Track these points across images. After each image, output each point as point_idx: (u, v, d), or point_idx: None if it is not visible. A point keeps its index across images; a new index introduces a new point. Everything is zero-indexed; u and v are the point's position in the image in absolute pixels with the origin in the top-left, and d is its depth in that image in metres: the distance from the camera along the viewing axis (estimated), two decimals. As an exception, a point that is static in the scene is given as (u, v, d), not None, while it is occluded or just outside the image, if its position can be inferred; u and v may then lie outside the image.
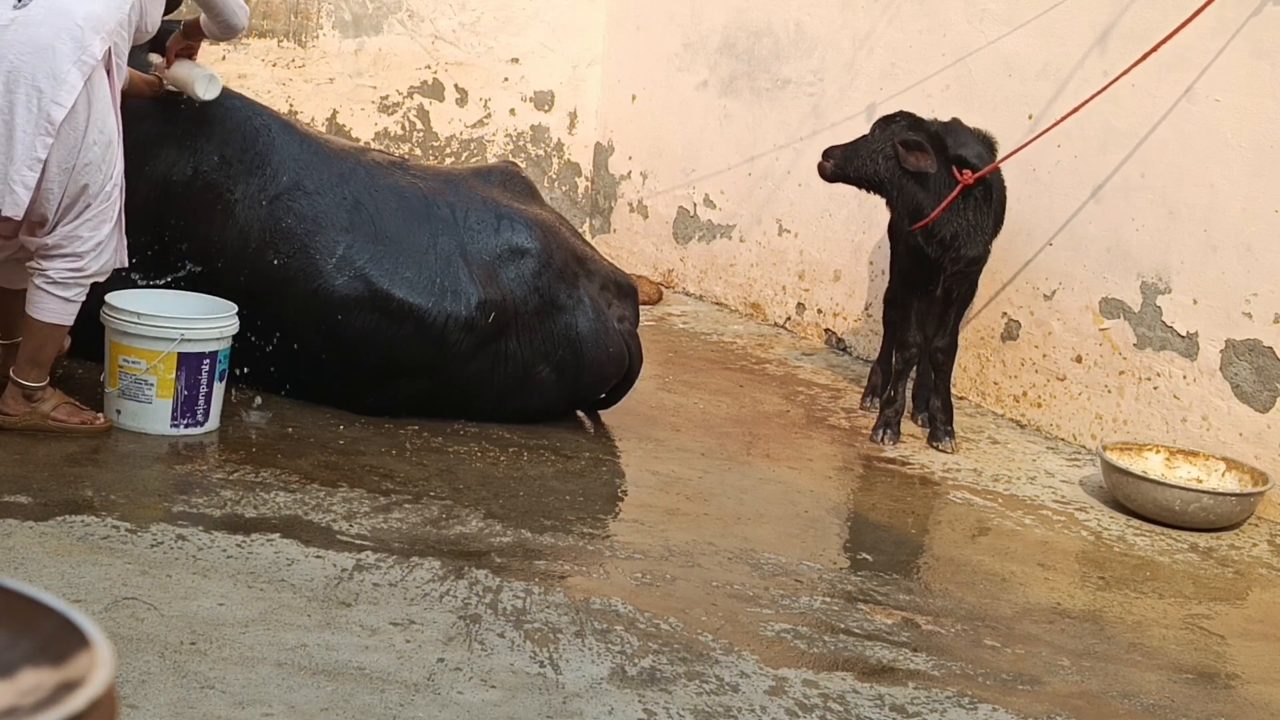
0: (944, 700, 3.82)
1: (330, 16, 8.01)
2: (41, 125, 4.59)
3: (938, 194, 5.70)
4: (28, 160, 4.59)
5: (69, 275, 4.77)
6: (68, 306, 4.81)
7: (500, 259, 5.53)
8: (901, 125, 5.81)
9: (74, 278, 4.78)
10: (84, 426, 4.94)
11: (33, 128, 4.59)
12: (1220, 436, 5.70)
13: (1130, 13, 5.98)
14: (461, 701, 3.48)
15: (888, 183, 5.81)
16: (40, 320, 4.80)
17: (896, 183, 5.78)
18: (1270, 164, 5.54)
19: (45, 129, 4.59)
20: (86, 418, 4.97)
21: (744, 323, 7.74)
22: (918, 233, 5.76)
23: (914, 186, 5.74)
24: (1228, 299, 5.68)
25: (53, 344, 4.89)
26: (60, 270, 4.76)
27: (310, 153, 5.57)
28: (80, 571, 3.89)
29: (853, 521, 5.24)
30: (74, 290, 4.80)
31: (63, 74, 4.60)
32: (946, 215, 5.70)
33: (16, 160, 4.58)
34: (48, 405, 4.89)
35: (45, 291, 4.77)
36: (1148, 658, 4.29)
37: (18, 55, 4.60)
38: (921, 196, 5.73)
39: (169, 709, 3.28)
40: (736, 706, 3.63)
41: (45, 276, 4.77)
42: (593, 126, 8.75)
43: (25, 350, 4.86)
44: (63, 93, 4.60)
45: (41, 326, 4.82)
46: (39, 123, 4.59)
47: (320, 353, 5.39)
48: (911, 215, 5.78)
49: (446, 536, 4.48)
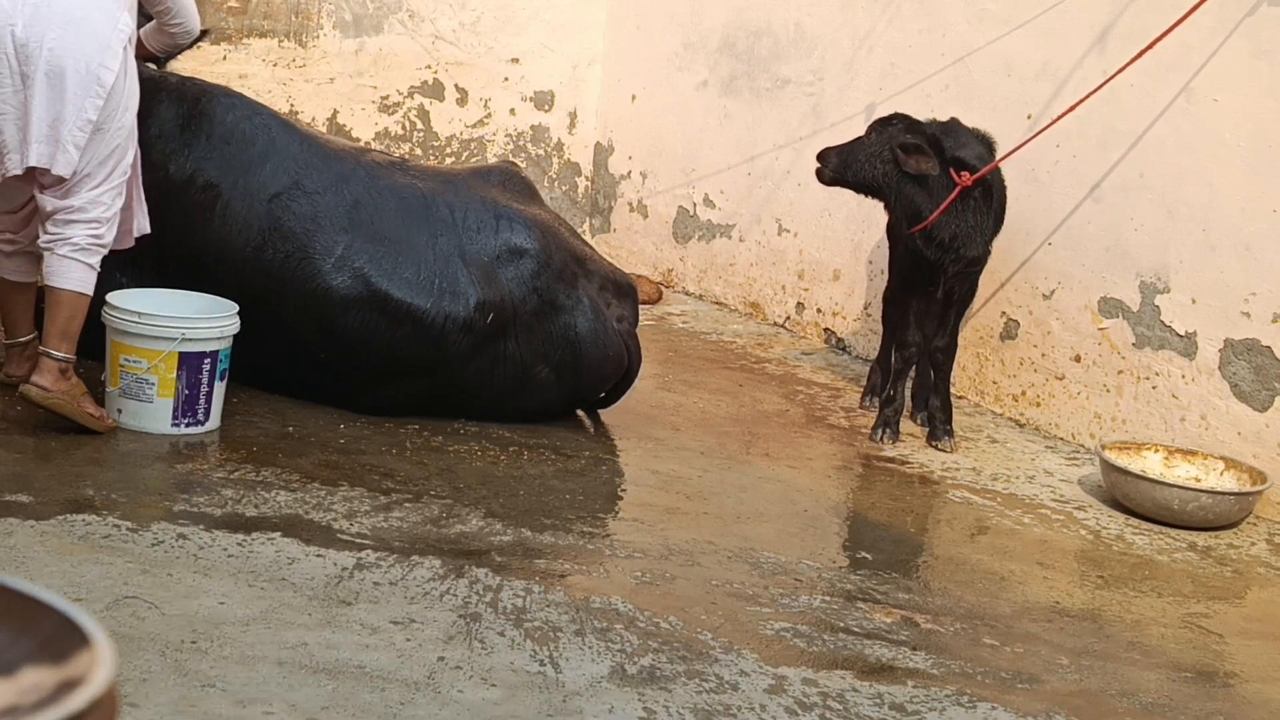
0: (943, 699, 3.83)
1: (331, 16, 8.02)
2: (92, 88, 4.78)
3: (937, 196, 5.68)
4: (79, 122, 4.78)
5: (91, 241, 4.88)
6: (90, 274, 4.92)
7: (499, 259, 5.53)
8: (899, 128, 5.78)
9: (96, 243, 4.90)
10: (98, 423, 4.98)
11: (83, 90, 4.77)
12: (1219, 436, 5.71)
13: (1129, 13, 5.99)
14: (462, 700, 3.49)
15: (886, 187, 5.78)
16: (66, 289, 4.88)
17: (895, 186, 5.75)
18: (1269, 163, 5.55)
19: (96, 91, 4.79)
20: (101, 413, 5.01)
21: (744, 322, 7.75)
22: (917, 235, 5.75)
23: (913, 189, 5.72)
24: (1226, 298, 5.68)
25: (80, 315, 4.94)
26: (84, 236, 4.87)
27: (310, 152, 5.58)
28: (81, 570, 3.90)
29: (852, 520, 5.25)
30: (96, 257, 4.92)
31: (106, 40, 4.81)
32: (946, 217, 5.68)
33: (68, 121, 4.77)
34: (79, 389, 4.93)
35: (70, 259, 4.86)
36: (1146, 656, 4.30)
37: (61, 25, 4.77)
38: (921, 199, 5.71)
39: (170, 707, 3.29)
40: (736, 705, 3.64)
41: (70, 244, 4.86)
42: (593, 126, 8.76)
43: (54, 324, 4.90)
44: (109, 57, 4.81)
45: (68, 297, 4.88)
46: (89, 85, 4.78)
47: (319, 352, 5.40)
48: (911, 218, 5.76)
49: (447, 535, 4.48)
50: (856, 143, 5.90)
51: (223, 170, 5.47)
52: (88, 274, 4.89)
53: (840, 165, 5.86)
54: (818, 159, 5.98)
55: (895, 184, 5.75)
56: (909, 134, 5.73)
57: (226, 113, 5.54)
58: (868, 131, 5.91)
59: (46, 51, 4.74)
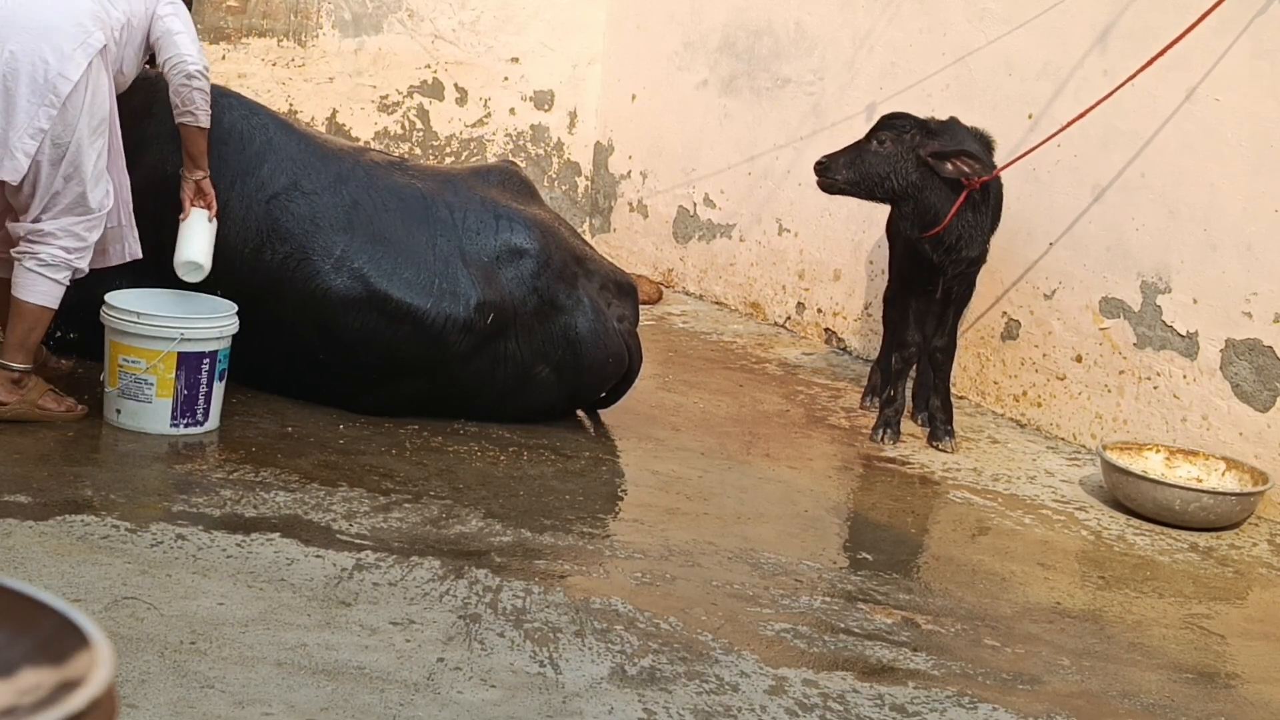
0: (944, 700, 3.82)
1: (330, 16, 8.01)
2: (47, 97, 4.73)
3: (949, 199, 5.64)
4: (29, 129, 4.72)
5: (60, 258, 4.85)
6: (56, 289, 4.88)
7: (499, 259, 5.53)
8: (912, 131, 5.65)
9: (65, 260, 4.87)
10: (68, 414, 4.99)
11: (37, 98, 4.72)
12: (1220, 436, 5.70)
13: (1130, 12, 5.98)
14: (461, 701, 3.48)
15: (905, 194, 5.66)
16: (30, 303, 4.86)
17: (916, 193, 5.64)
18: (1270, 163, 5.54)
19: (51, 100, 4.72)
20: (69, 404, 5.02)
21: (744, 322, 7.74)
22: (926, 239, 5.71)
23: (933, 194, 5.62)
24: (1228, 298, 5.68)
25: (41, 327, 4.94)
26: (52, 253, 4.84)
27: (308, 153, 5.57)
28: (80, 571, 3.89)
29: (853, 521, 5.24)
30: (64, 273, 4.88)
31: (69, 51, 4.75)
32: (952, 220, 5.67)
33: (18, 128, 4.72)
34: (35, 394, 4.92)
35: (35, 273, 4.84)
36: (1148, 657, 4.29)
37: (24, 30, 4.72)
38: (940, 203, 5.62)
39: (169, 708, 3.28)
40: (736, 706, 3.63)
41: (37, 259, 4.84)
42: (592, 126, 8.75)
43: (14, 335, 4.91)
44: (69, 67, 4.74)
45: (30, 310, 4.87)
46: (44, 93, 4.72)
47: (319, 353, 5.39)
48: (926, 223, 5.70)
49: (446, 536, 4.47)
50: (865, 149, 5.71)
51: (220, 171, 5.46)
52: (54, 289, 4.87)
53: (854, 175, 5.67)
54: (818, 170, 5.78)
55: (917, 190, 5.64)
56: (926, 136, 5.64)
57: (224, 113, 5.53)
58: (872, 134, 5.76)
59: (7, 55, 4.71)
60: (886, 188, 5.68)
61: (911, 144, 5.63)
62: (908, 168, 5.62)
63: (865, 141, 5.76)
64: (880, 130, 5.75)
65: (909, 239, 5.80)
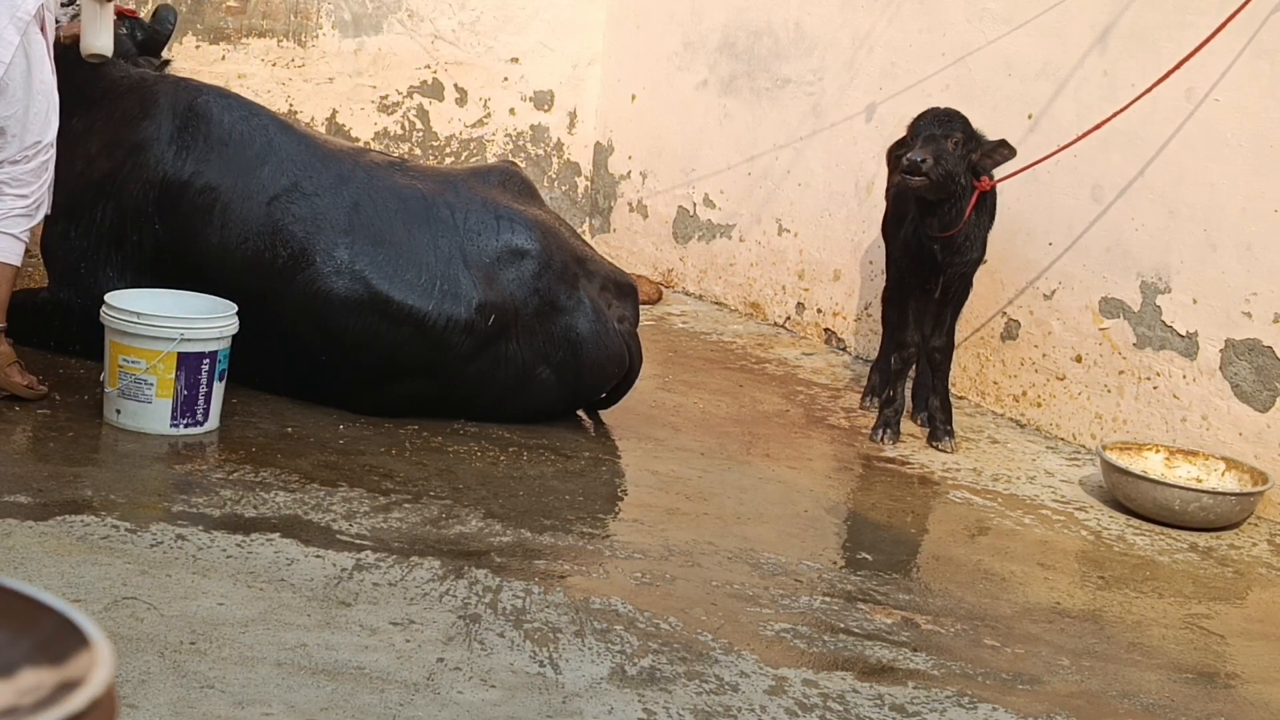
0: (944, 700, 3.82)
1: (330, 16, 8.01)
2: None
3: (967, 200, 5.64)
4: None
5: (18, 211, 4.92)
6: (17, 245, 4.96)
7: (500, 260, 5.52)
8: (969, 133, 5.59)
9: (22, 211, 4.94)
10: (30, 390, 5.05)
11: None
12: (1220, 436, 5.70)
13: (1130, 12, 5.98)
14: (461, 701, 3.48)
15: (956, 193, 5.59)
16: None
17: (960, 193, 5.59)
18: (1270, 163, 5.54)
19: None
20: (31, 380, 5.08)
21: (744, 322, 7.74)
22: (937, 239, 5.70)
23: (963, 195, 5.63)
24: (1227, 298, 5.68)
25: (5, 284, 5.00)
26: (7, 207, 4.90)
27: (309, 154, 5.57)
28: (80, 571, 3.89)
29: (852, 521, 5.24)
30: (21, 228, 4.96)
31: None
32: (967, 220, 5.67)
33: None
34: (4, 360, 4.96)
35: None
36: (1147, 657, 4.29)
37: None
38: (963, 204, 5.62)
39: (169, 708, 3.28)
40: (736, 706, 3.63)
41: None
42: (592, 126, 8.75)
43: None
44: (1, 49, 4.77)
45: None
46: None
47: (320, 354, 5.39)
48: (948, 224, 5.67)
49: (446, 536, 4.47)
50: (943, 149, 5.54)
51: (221, 172, 5.46)
52: (14, 244, 4.96)
53: (941, 174, 5.50)
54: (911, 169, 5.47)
55: (964, 190, 5.60)
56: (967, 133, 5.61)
57: (224, 114, 5.53)
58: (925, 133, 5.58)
59: None
60: (952, 187, 5.60)
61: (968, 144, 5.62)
62: (964, 167, 5.61)
63: (939, 141, 5.57)
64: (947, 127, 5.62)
65: (918, 239, 5.77)
